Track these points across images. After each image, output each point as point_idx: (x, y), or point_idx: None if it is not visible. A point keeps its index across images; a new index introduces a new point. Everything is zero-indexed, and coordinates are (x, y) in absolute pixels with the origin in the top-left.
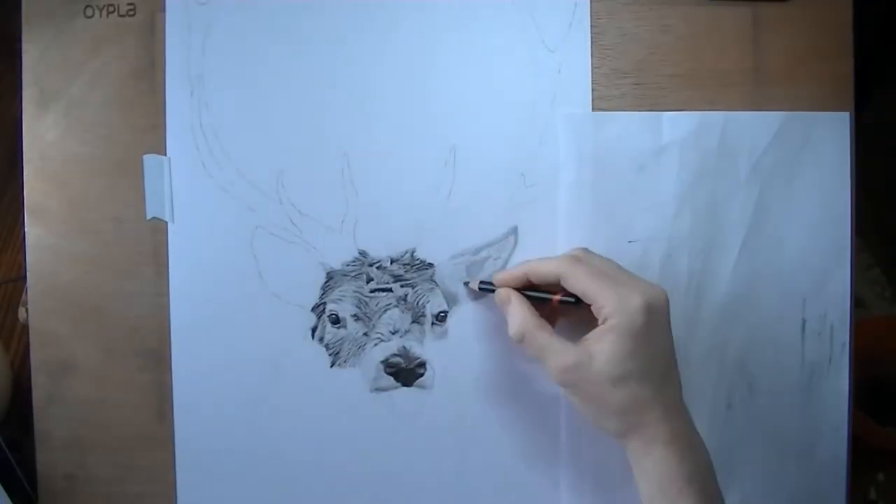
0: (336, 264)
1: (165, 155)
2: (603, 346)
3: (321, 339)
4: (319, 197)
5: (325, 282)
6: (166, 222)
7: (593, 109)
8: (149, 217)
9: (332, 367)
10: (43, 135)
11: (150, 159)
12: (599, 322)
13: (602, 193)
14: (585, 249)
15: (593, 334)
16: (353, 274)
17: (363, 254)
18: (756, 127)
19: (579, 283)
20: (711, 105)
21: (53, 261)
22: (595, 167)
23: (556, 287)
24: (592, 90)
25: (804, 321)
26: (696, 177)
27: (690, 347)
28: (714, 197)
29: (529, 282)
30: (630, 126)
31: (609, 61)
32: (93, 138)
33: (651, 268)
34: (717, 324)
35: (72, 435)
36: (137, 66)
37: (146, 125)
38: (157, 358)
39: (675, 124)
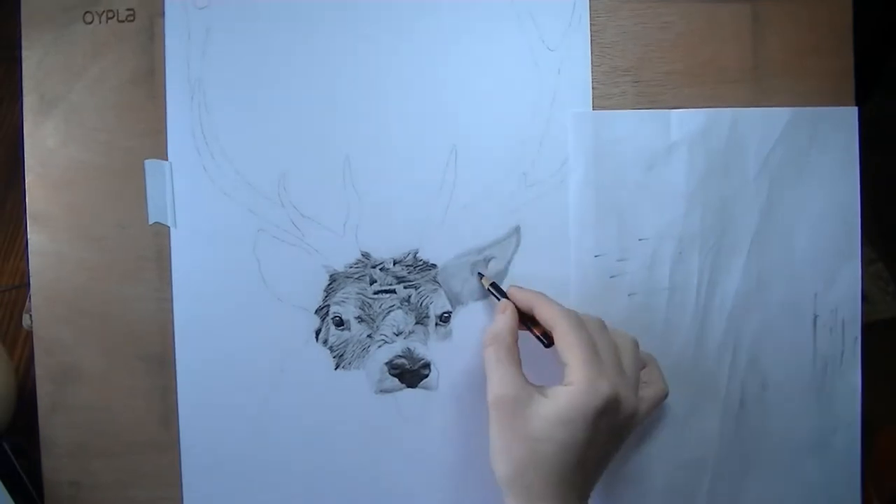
0: (339, 266)
1: (167, 160)
2: (548, 404)
3: (325, 342)
4: (321, 199)
5: (329, 284)
6: (168, 227)
7: (594, 108)
8: (151, 222)
9: (336, 369)
10: (44, 141)
11: (151, 164)
12: (562, 381)
13: (612, 192)
14: (600, 322)
15: (550, 388)
16: (356, 276)
17: (366, 255)
18: (764, 123)
19: (565, 341)
20: (711, 102)
21: (56, 267)
22: (604, 166)
23: (545, 329)
24: (592, 88)
25: (816, 316)
26: (705, 174)
27: (703, 344)
28: (723, 194)
29: (530, 311)
30: (638, 124)
31: (609, 59)
32: (93, 144)
33: (662, 265)
34: (729, 320)
35: (77, 441)
36: (137, 71)
37: (147, 130)
38: (161, 363)
39: (683, 122)
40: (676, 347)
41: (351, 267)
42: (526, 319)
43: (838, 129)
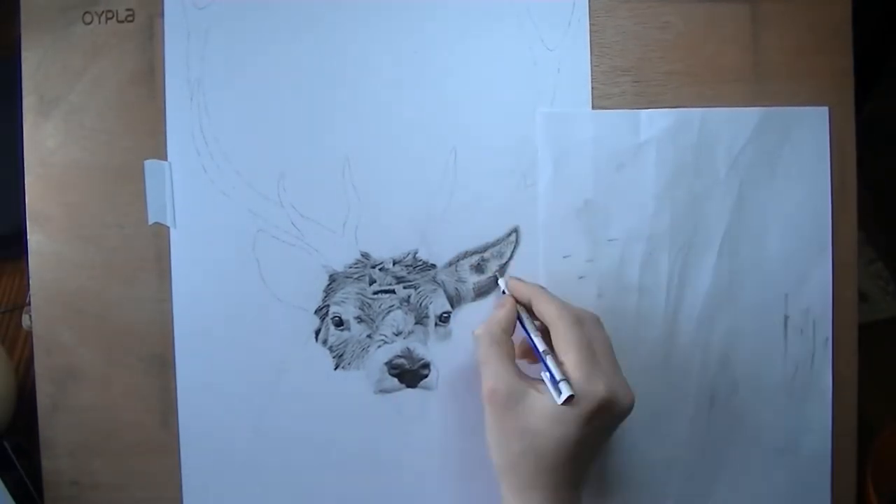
0: (338, 266)
1: (166, 160)
2: (542, 400)
3: (325, 342)
4: (320, 199)
5: (328, 284)
6: (168, 227)
7: (593, 108)
8: (151, 222)
9: (336, 369)
10: (43, 142)
11: (151, 164)
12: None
13: (581, 192)
14: (597, 319)
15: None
16: (355, 276)
17: (365, 256)
18: (734, 123)
19: (562, 340)
20: (711, 102)
21: (56, 268)
22: (573, 166)
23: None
24: (592, 88)
25: (786, 317)
26: (674, 174)
27: (673, 345)
28: (693, 194)
29: (529, 305)
30: (608, 124)
31: (608, 59)
32: (93, 144)
33: (631, 266)
34: (700, 321)
35: (77, 441)
36: (137, 71)
37: (146, 131)
38: (161, 363)
39: (653, 122)
40: (646, 348)
41: (350, 267)
42: (526, 314)
43: (810, 129)
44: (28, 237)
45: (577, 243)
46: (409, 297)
